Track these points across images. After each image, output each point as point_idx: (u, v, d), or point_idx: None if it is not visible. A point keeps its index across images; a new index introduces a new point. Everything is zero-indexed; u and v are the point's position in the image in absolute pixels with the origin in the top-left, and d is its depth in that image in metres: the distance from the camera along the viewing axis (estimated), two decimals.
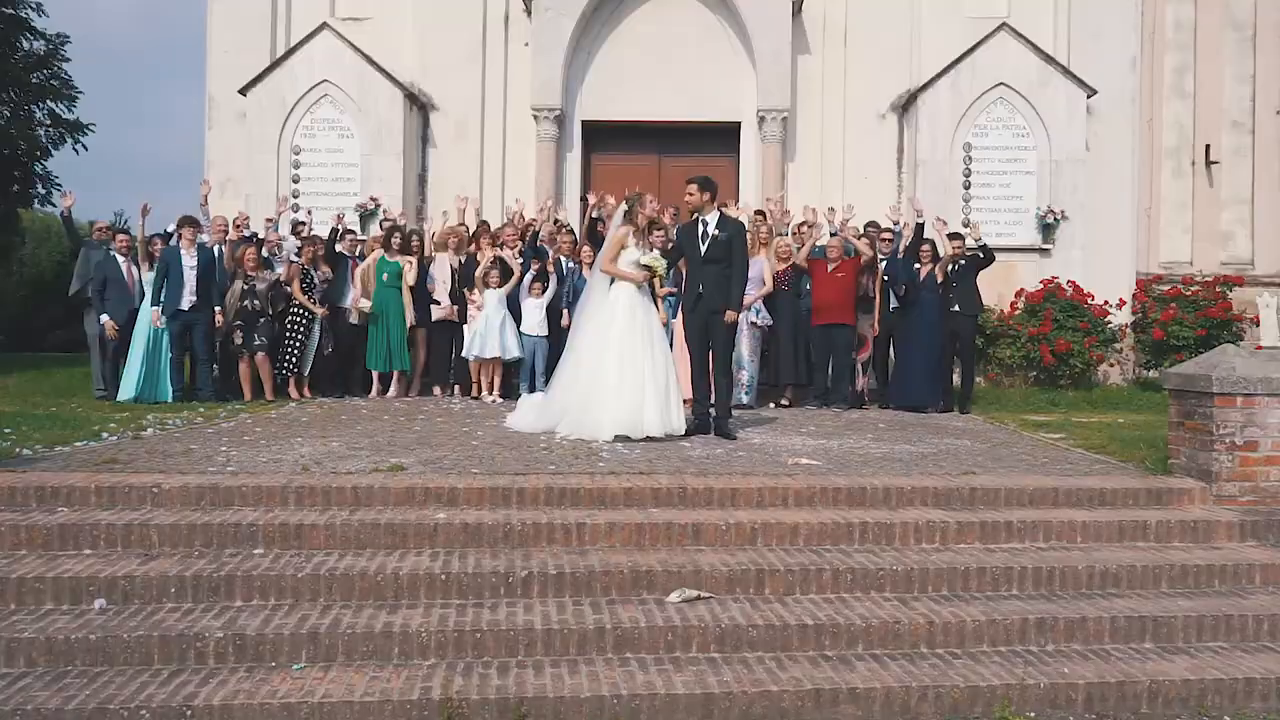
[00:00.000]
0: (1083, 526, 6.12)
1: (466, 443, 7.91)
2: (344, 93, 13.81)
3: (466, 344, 11.40)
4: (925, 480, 6.61)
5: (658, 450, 7.64)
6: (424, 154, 14.40)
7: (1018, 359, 12.88)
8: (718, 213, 8.58)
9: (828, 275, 11.20)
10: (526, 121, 14.18)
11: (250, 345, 11.06)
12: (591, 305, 8.50)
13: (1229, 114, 22.21)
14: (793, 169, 14.29)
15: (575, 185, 14.31)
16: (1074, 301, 13.07)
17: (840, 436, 8.83)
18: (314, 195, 13.77)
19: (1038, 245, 13.65)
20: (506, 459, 7.08)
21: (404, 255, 11.59)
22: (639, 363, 8.05)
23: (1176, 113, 21.86)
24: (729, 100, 14.34)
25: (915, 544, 5.92)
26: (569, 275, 11.64)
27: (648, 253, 8.35)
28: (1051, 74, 13.61)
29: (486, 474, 6.46)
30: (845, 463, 7.29)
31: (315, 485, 6.03)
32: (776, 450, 7.85)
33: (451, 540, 5.61)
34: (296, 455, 7.12)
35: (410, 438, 8.17)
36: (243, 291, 11.12)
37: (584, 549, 5.65)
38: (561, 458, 7.20)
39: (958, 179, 13.68)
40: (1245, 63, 22.22)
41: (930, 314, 11.13)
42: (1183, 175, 22.17)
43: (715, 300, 8.35)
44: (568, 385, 8.42)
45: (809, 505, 6.25)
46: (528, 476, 6.38)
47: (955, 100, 13.68)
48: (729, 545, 5.78)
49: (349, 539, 5.55)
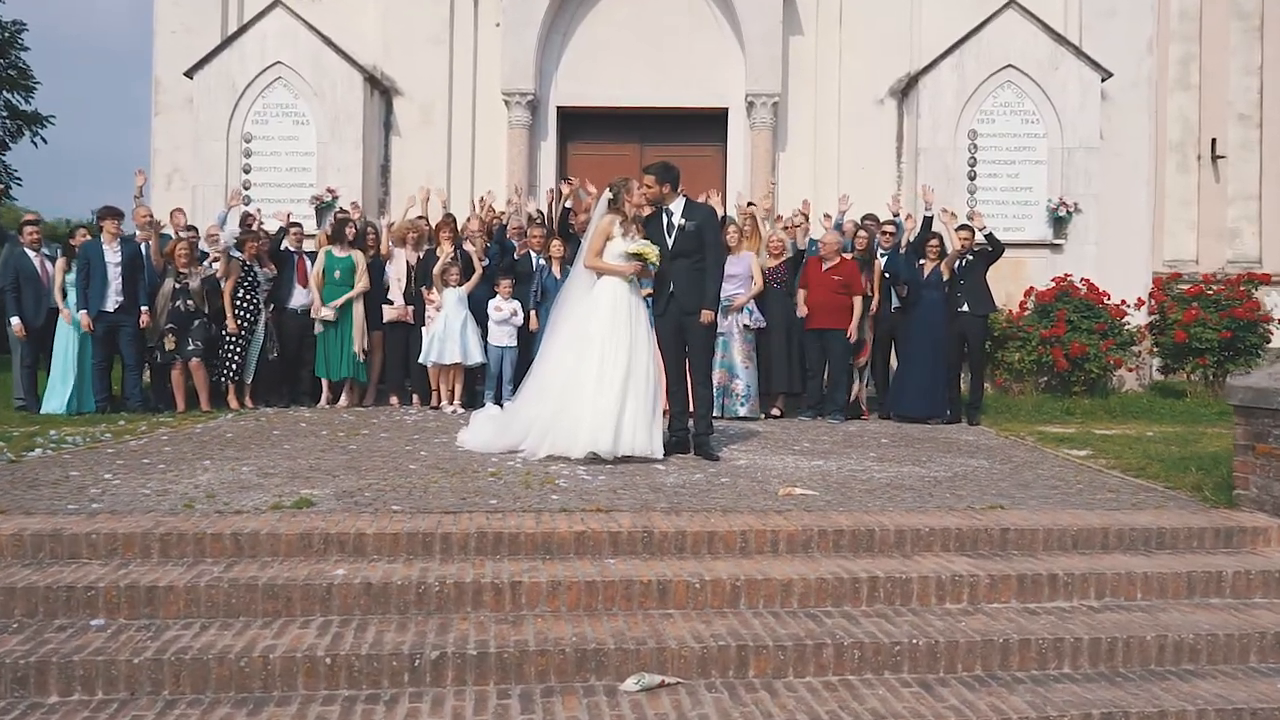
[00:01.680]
0: (1143, 579, 4.84)
1: (402, 466, 6.61)
2: (299, 75, 12.47)
3: (424, 349, 10.10)
4: (945, 518, 5.33)
5: (625, 476, 6.34)
6: (386, 142, 13.07)
7: (1028, 364, 11.59)
8: (683, 199, 7.30)
9: (821, 274, 9.91)
10: (497, 108, 12.86)
11: (183, 350, 9.74)
12: (569, 304, 7.20)
13: (1235, 106, 21.02)
14: (784, 158, 12.99)
15: (550, 176, 12.99)
16: (1089, 301, 11.78)
17: (838, 455, 7.55)
18: (267, 187, 12.43)
19: (1049, 240, 12.36)
20: (442, 489, 5.79)
21: (356, 249, 10.30)
22: (621, 367, 6.78)
23: (1181, 105, 20.64)
24: (716, 85, 13.04)
25: (938, 604, 4.64)
26: (538, 272, 10.35)
27: (636, 240, 7.06)
28: (1063, 55, 12.32)
29: (409, 512, 5.16)
30: (846, 491, 6.01)
31: (187, 530, 4.72)
32: (765, 474, 6.57)
33: (349, 605, 4.32)
34: (189, 485, 5.82)
35: (339, 460, 6.86)
36: (174, 290, 9.80)
37: (519, 615, 4.36)
38: (509, 487, 5.91)
39: (962, 168, 12.39)
40: (1252, 54, 21.02)
41: (935, 314, 9.85)
42: (1188, 170, 20.95)
43: (689, 300, 7.06)
44: (535, 397, 7.11)
45: (804, 552, 4.97)
46: (459, 516, 5.09)
47: (959, 84, 12.38)
48: (704, 609, 4.49)
49: (216, 605, 4.25)
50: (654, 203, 7.20)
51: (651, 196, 7.18)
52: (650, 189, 7.14)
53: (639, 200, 7.26)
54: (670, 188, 7.17)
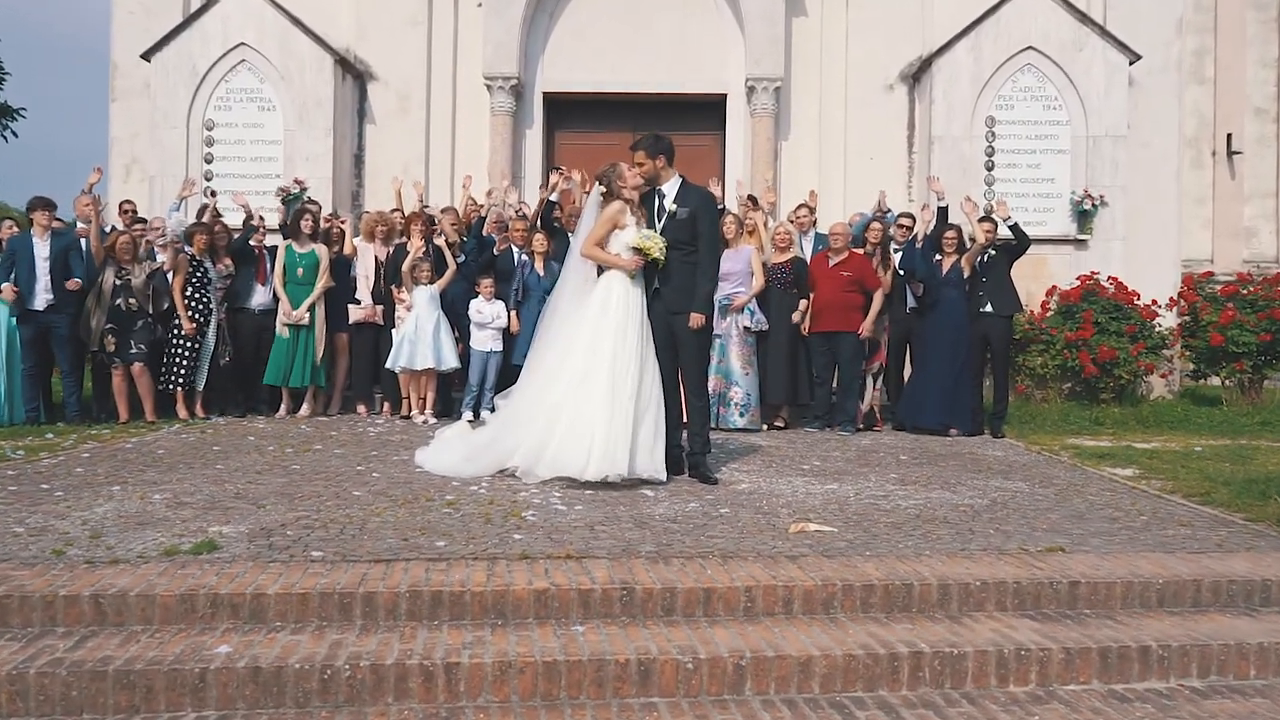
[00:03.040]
0: (1257, 652, 3.75)
1: (345, 493, 5.51)
2: (264, 58, 11.35)
3: (393, 353, 9.00)
4: (996, 564, 4.24)
5: (608, 505, 5.26)
6: (360, 130, 11.95)
7: (1052, 369, 10.50)
8: (678, 180, 6.21)
9: (829, 270, 8.83)
10: (479, 94, 11.76)
11: (124, 353, 8.64)
12: (566, 303, 6.11)
13: (1252, 100, 19.96)
14: (787, 148, 11.88)
15: (536, 166, 11.90)
16: (1117, 301, 10.68)
17: (854, 477, 6.46)
18: (230, 178, 11.30)
19: (1072, 235, 11.25)
20: (383, 525, 4.69)
21: (318, 244, 9.21)
22: (634, 378, 5.76)
23: (1196, 99, 19.53)
24: (713, 69, 11.94)
25: (999, 686, 3.55)
26: (520, 269, 9.26)
27: (644, 232, 5.99)
28: (1088, 36, 11.22)
29: (330, 561, 4.06)
30: (869, 526, 4.91)
31: (35, 591, 3.61)
32: (771, 503, 5.48)
33: (230, 697, 3.22)
34: (76, 521, 4.72)
35: (274, 484, 5.76)
36: (115, 287, 8.69)
37: (455, 709, 3.26)
38: (465, 521, 4.81)
39: (979, 158, 11.28)
40: (1269, 46, 19.94)
41: (955, 315, 8.75)
42: (1202, 166, 19.87)
43: (678, 299, 5.98)
44: (527, 415, 6.00)
45: (825, 614, 3.88)
46: (392, 566, 3.99)
47: (976, 67, 11.28)
48: (698, 696, 3.40)
49: (50, 700, 3.16)
50: (649, 181, 6.13)
51: (647, 174, 6.09)
52: (643, 166, 6.07)
53: (634, 183, 6.16)
54: (665, 161, 6.10)
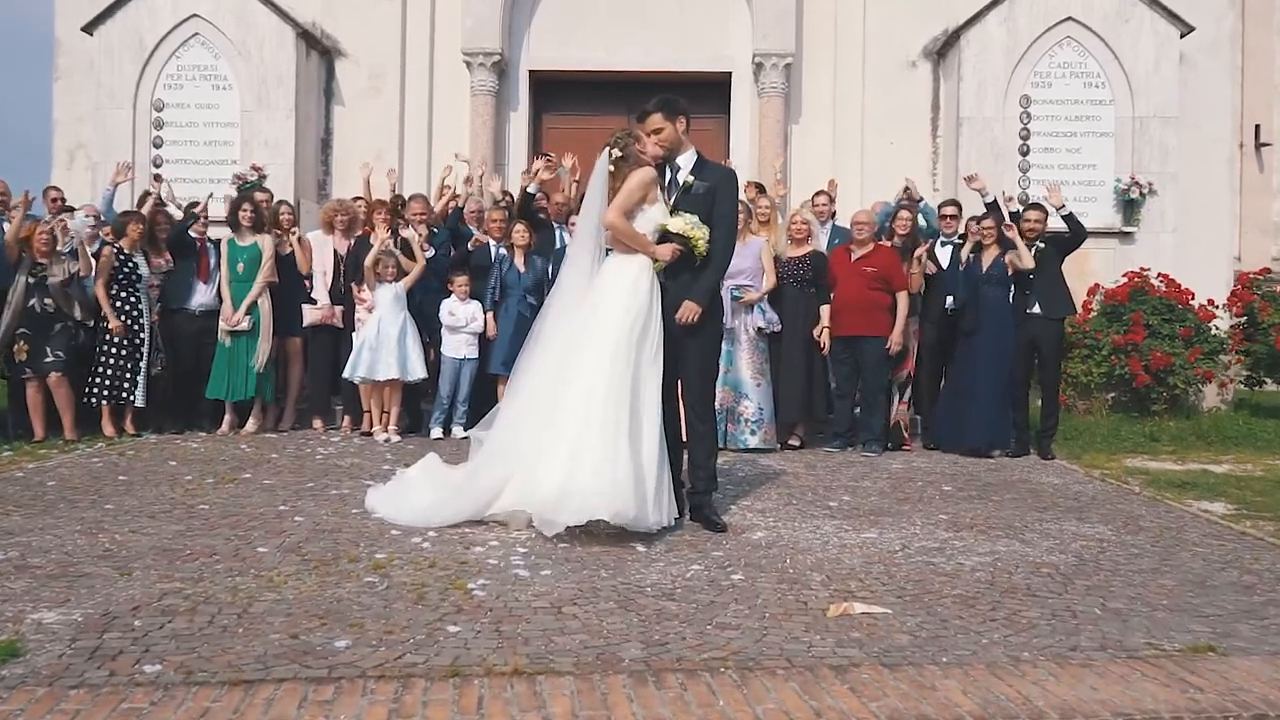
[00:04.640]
0: None
1: (245, 551, 4.16)
2: (219, 31, 10.00)
3: (351, 360, 7.66)
4: (1134, 683, 2.88)
5: (584, 569, 3.91)
6: (327, 111, 10.59)
7: (1097, 377, 9.16)
8: (694, 153, 4.89)
9: (852, 266, 7.49)
10: (459, 72, 10.41)
11: (38, 363, 7.32)
12: (565, 296, 4.84)
13: None
14: (798, 131, 10.51)
15: (521, 150, 10.55)
16: (1169, 301, 9.33)
17: (894, 518, 5.10)
18: (182, 164, 9.98)
19: (1117, 228, 9.88)
20: (271, 612, 3.34)
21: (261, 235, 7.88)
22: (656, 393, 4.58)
23: None
24: (717, 45, 10.58)
25: None
26: (498, 264, 7.94)
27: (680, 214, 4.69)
28: (1134, 5, 9.84)
29: (164, 685, 2.70)
30: (930, 602, 3.56)
31: None
32: (797, 562, 4.13)
33: None
34: None
35: (159, 537, 4.40)
36: (28, 286, 7.37)
37: None
38: (388, 603, 3.46)
39: (1012, 142, 9.92)
40: None
41: (998, 318, 7.42)
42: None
43: (684, 294, 4.65)
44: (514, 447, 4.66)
45: None
46: (254, 692, 2.64)
47: (1009, 40, 9.91)
48: None
49: None
50: (670, 150, 4.81)
51: (667, 141, 4.77)
52: (661, 131, 4.75)
53: (653, 153, 4.84)
54: (684, 126, 4.80)
